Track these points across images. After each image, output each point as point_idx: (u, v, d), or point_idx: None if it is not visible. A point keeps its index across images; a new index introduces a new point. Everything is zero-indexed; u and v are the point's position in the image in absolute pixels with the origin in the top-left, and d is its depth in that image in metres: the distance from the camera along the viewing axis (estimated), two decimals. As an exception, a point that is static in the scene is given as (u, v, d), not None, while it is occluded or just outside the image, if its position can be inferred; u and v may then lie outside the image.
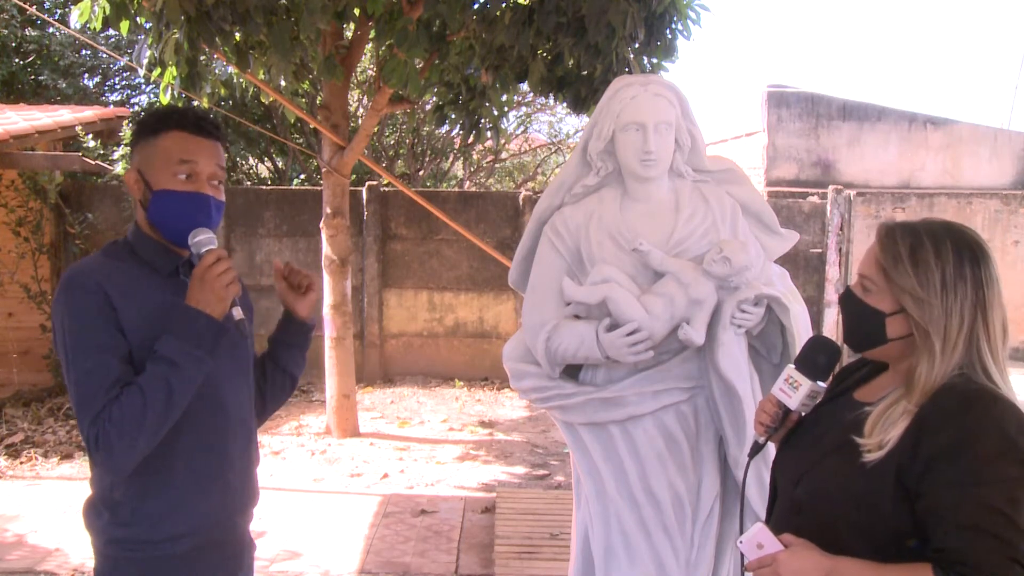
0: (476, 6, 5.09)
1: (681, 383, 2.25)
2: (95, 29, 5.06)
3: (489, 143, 7.03)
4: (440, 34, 5.34)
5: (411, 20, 4.85)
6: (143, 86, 12.97)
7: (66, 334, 1.57)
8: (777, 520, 1.50)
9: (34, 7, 10.89)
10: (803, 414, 1.57)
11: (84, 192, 8.35)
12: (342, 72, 5.73)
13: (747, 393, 2.19)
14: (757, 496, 2.18)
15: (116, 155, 8.09)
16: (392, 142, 13.32)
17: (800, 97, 11.13)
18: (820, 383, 1.55)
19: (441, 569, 4.10)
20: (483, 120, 6.24)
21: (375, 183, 8.84)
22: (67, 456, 5.87)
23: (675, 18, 5.23)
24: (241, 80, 6.50)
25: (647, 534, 2.24)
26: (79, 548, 4.14)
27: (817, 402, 1.56)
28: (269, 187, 10.08)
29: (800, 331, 2.23)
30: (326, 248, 6.28)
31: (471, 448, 6.42)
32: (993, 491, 1.26)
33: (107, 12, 4.66)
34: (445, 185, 13.88)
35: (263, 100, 9.08)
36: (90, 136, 7.95)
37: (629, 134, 2.24)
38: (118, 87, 13.31)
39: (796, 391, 1.54)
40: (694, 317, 2.17)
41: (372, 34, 6.07)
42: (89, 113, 8.56)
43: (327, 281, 6.30)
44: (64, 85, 11.58)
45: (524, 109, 13.68)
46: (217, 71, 6.40)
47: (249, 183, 12.84)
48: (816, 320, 8.83)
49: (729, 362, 2.18)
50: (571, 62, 5.31)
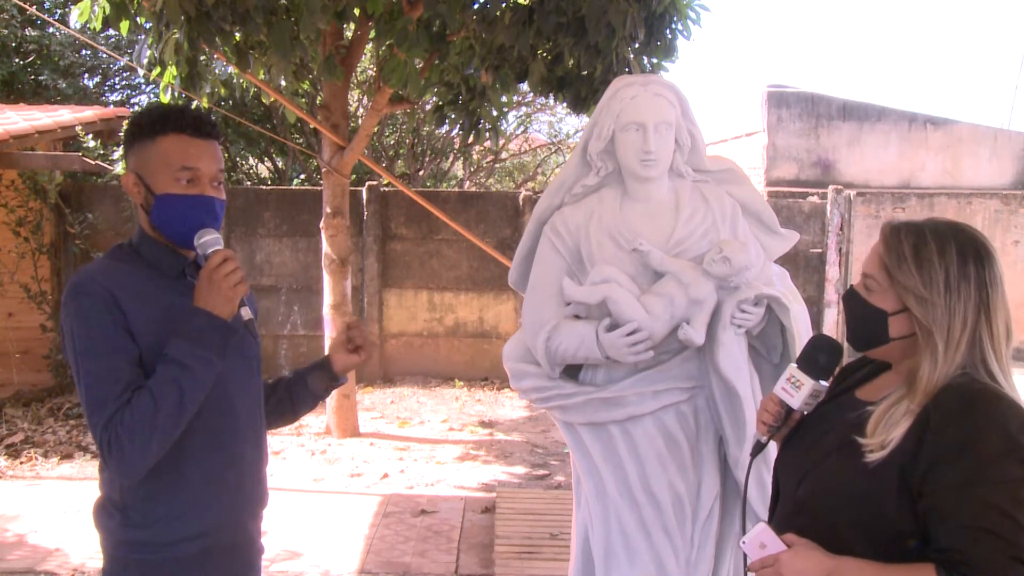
0: (476, 6, 5.08)
1: (681, 383, 2.25)
2: (95, 29, 5.06)
3: (489, 143, 7.03)
4: (440, 34, 5.34)
5: (411, 20, 4.85)
6: (143, 86, 12.97)
7: (75, 339, 1.56)
8: (779, 520, 1.50)
9: (34, 7, 10.89)
10: (805, 413, 1.57)
11: (84, 192, 8.35)
12: (342, 72, 5.73)
13: (747, 393, 2.19)
14: (757, 496, 2.18)
15: (116, 155, 8.09)
16: (392, 142, 13.32)
17: (800, 97, 11.13)
18: (822, 382, 1.55)
19: (441, 569, 4.10)
20: (483, 120, 6.24)
21: (375, 183, 8.84)
22: (67, 456, 5.86)
23: (675, 18, 5.22)
24: (241, 80, 6.50)
25: (647, 534, 2.24)
26: (79, 548, 4.14)
27: (819, 401, 1.56)
28: (269, 187, 10.08)
29: (800, 331, 2.23)
30: (326, 248, 6.28)
31: (471, 448, 6.42)
32: (996, 491, 1.26)
33: (107, 12, 4.66)
34: (445, 185, 13.88)
35: (263, 100, 9.07)
36: (90, 136, 7.95)
37: (629, 134, 2.24)
38: (118, 87, 13.31)
39: (798, 390, 1.54)
40: (694, 317, 2.17)
41: (372, 34, 6.07)
42: (89, 113, 8.56)
43: (327, 281, 6.30)
44: (64, 85, 11.57)
45: (524, 109, 13.68)
46: (217, 71, 6.40)
47: (249, 183, 12.84)
48: (816, 320, 8.83)
49: (729, 362, 2.18)
50: (571, 62, 5.31)
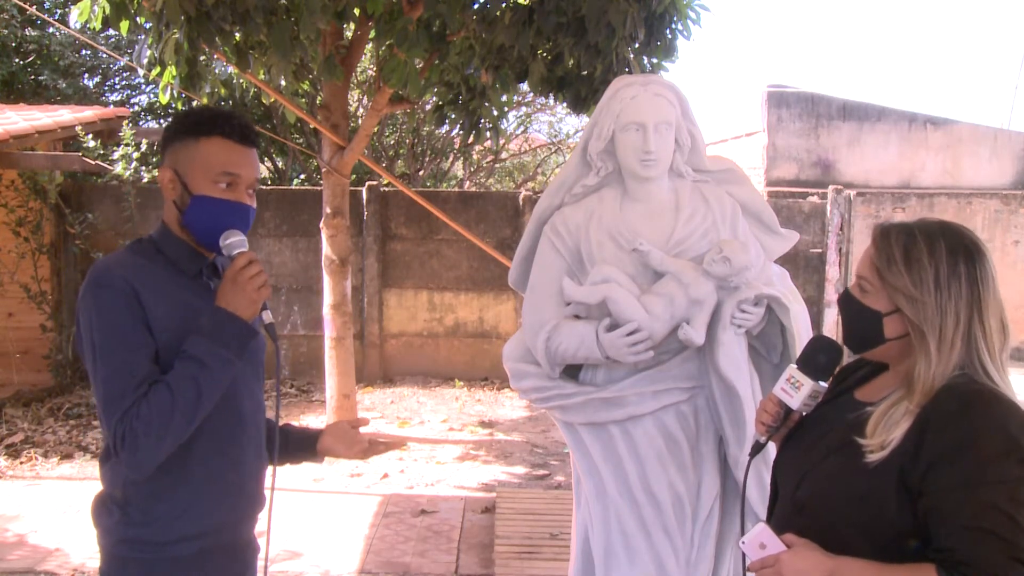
0: (476, 6, 5.09)
1: (681, 383, 2.25)
2: (95, 29, 5.06)
3: (489, 143, 7.03)
4: (440, 34, 5.34)
5: (411, 20, 4.85)
6: (143, 86, 12.99)
7: (94, 331, 1.55)
8: (779, 520, 1.50)
9: (34, 7, 10.89)
10: (804, 414, 1.58)
11: (84, 192, 8.35)
12: (342, 72, 5.73)
13: (747, 393, 2.19)
14: (757, 496, 2.18)
15: (116, 155, 8.09)
16: (392, 142, 13.32)
17: (800, 97, 11.13)
18: (822, 383, 1.55)
19: (441, 569, 4.10)
20: (483, 120, 6.24)
21: (375, 183, 8.84)
22: (67, 456, 5.86)
23: (675, 18, 5.23)
24: (241, 80, 6.50)
25: (647, 534, 2.24)
26: (80, 548, 4.14)
27: (818, 402, 1.56)
28: (269, 187, 10.08)
29: (800, 331, 2.23)
30: (326, 248, 6.28)
31: (471, 448, 6.42)
32: (996, 491, 1.26)
33: (107, 12, 4.66)
34: (445, 185, 13.88)
35: (263, 100, 9.08)
36: (90, 136, 7.94)
37: (629, 134, 2.24)
38: (118, 87, 13.32)
39: (798, 391, 1.54)
40: (694, 317, 2.17)
41: (372, 34, 6.07)
42: (89, 113, 8.56)
43: (327, 281, 6.30)
44: (64, 85, 11.58)
45: (524, 109, 13.69)
46: (217, 71, 6.40)
47: (249, 183, 12.82)
48: (816, 320, 8.83)
49: (729, 362, 2.18)
50: (571, 62, 5.31)
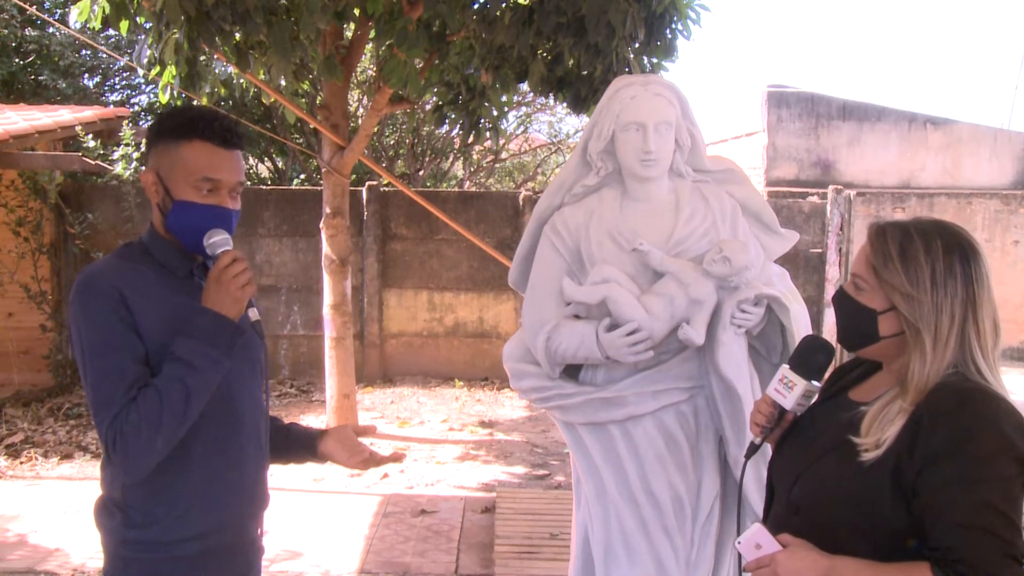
0: (476, 6, 5.09)
1: (681, 383, 2.25)
2: (95, 29, 5.05)
3: (488, 143, 7.03)
4: (440, 34, 5.34)
5: (411, 20, 4.85)
6: (143, 86, 12.98)
7: (82, 337, 1.57)
8: (775, 520, 1.50)
9: (34, 7, 10.89)
10: (798, 414, 1.58)
11: (84, 192, 8.35)
12: (342, 72, 5.73)
13: (747, 393, 2.19)
14: (758, 496, 2.18)
15: (116, 155, 8.09)
16: (392, 142, 13.32)
17: (800, 97, 11.14)
18: (815, 383, 1.55)
19: (441, 569, 4.10)
20: (483, 120, 6.24)
21: (375, 183, 8.84)
22: (67, 456, 5.87)
23: (675, 18, 5.22)
24: (241, 80, 6.50)
25: (647, 534, 2.24)
26: (80, 548, 4.14)
27: (812, 402, 1.57)
28: (269, 187, 10.09)
29: (800, 331, 2.22)
30: (326, 248, 6.28)
31: (471, 448, 6.42)
32: (990, 489, 1.27)
33: (107, 12, 4.66)
34: (445, 185, 13.88)
35: (263, 100, 9.08)
36: (90, 136, 7.94)
37: (629, 134, 2.24)
38: (118, 87, 13.32)
39: (791, 391, 1.54)
40: (694, 317, 2.17)
41: (372, 34, 6.06)
42: (89, 113, 8.55)
43: (327, 281, 6.30)
44: (64, 85, 11.57)
45: (524, 109, 13.69)
46: (217, 71, 6.40)
47: (249, 183, 12.84)
48: (816, 320, 8.83)
49: (729, 362, 2.18)
50: (571, 62, 5.31)
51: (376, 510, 4.89)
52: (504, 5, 4.91)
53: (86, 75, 12.65)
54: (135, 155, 7.96)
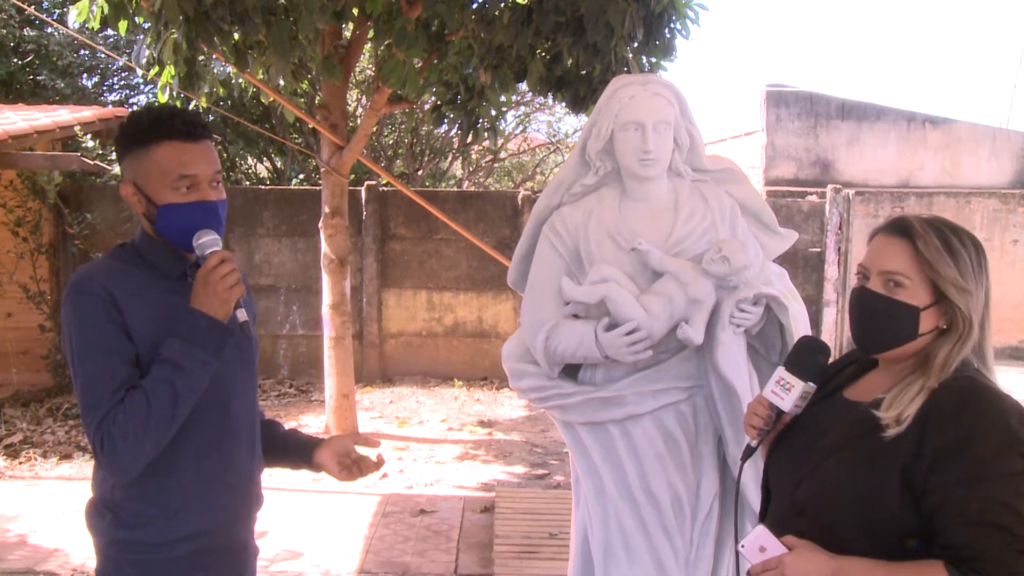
0: (475, 6, 5.08)
1: (680, 383, 2.25)
2: (93, 29, 5.05)
3: (487, 143, 7.03)
4: (439, 34, 5.34)
5: (410, 20, 4.85)
6: (141, 86, 12.96)
7: (72, 338, 1.57)
8: (777, 523, 1.49)
9: (32, 7, 10.88)
10: (794, 416, 1.57)
11: (83, 192, 8.35)
12: (341, 72, 5.73)
13: (746, 392, 2.19)
14: (757, 496, 2.17)
15: (115, 155, 8.07)
16: (391, 142, 13.32)
17: (799, 96, 11.14)
18: (811, 384, 1.54)
19: (440, 569, 4.10)
20: (481, 120, 6.24)
21: (374, 183, 8.84)
22: (66, 456, 5.86)
23: (674, 17, 5.22)
24: (240, 80, 6.50)
25: (646, 534, 2.24)
26: (80, 548, 4.14)
27: (807, 403, 1.56)
28: (268, 187, 10.08)
29: (799, 330, 2.22)
30: (325, 248, 6.28)
31: (470, 448, 6.42)
32: (999, 486, 1.27)
33: (105, 12, 4.66)
34: (444, 185, 13.88)
35: (262, 100, 9.08)
36: (89, 136, 7.94)
37: (628, 133, 2.24)
38: (116, 87, 13.30)
39: (788, 393, 1.53)
40: (693, 316, 2.17)
41: (371, 34, 6.06)
42: (88, 113, 8.54)
43: (326, 281, 6.30)
44: (62, 85, 11.56)
45: (523, 109, 13.68)
46: (216, 71, 6.39)
47: (248, 183, 12.84)
48: (815, 319, 8.83)
49: (728, 361, 2.18)
50: (570, 62, 5.31)
51: (375, 510, 4.89)
52: (503, 5, 4.90)
53: (85, 75, 12.64)
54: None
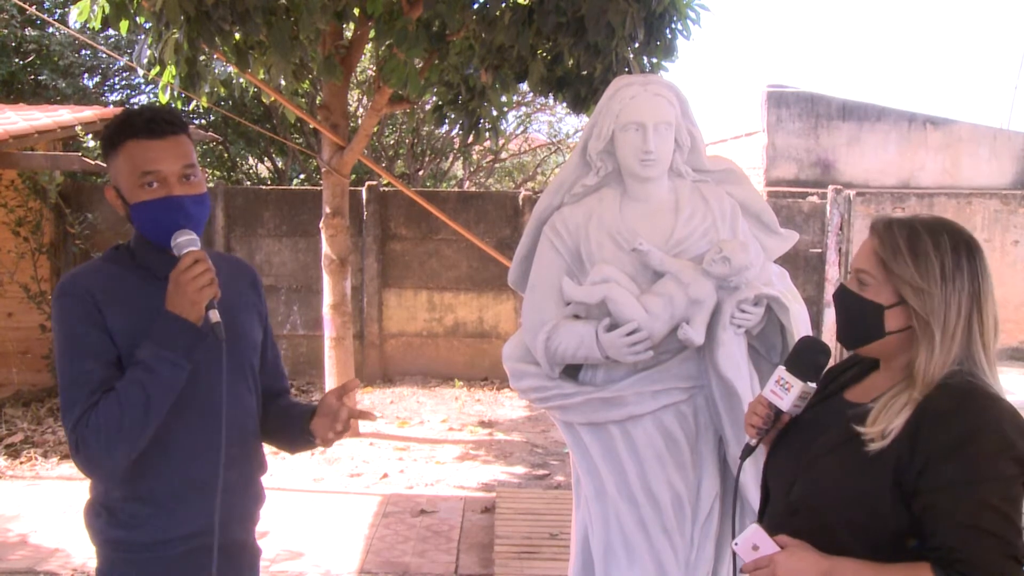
0: (476, 6, 5.09)
1: (681, 383, 2.25)
2: (94, 29, 5.06)
3: (488, 143, 7.03)
4: (440, 34, 5.34)
5: (411, 20, 4.85)
6: (143, 86, 12.97)
7: (56, 340, 1.60)
8: (773, 522, 1.49)
9: (34, 7, 10.88)
10: (794, 416, 1.57)
11: (84, 192, 8.35)
12: (342, 72, 5.73)
13: (747, 393, 2.19)
14: (757, 496, 2.17)
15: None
16: (392, 142, 13.32)
17: (800, 97, 11.14)
18: (811, 384, 1.55)
19: (441, 569, 4.10)
20: (482, 120, 6.24)
21: (375, 183, 8.84)
22: (67, 456, 5.86)
23: (675, 18, 5.23)
24: (241, 80, 6.51)
25: (646, 534, 2.24)
26: (80, 548, 4.14)
27: (807, 403, 1.56)
28: (269, 187, 10.09)
29: (799, 331, 2.22)
30: (326, 248, 6.28)
31: (471, 448, 6.42)
32: (991, 489, 1.27)
33: (106, 12, 4.66)
34: (445, 185, 13.88)
35: (263, 100, 9.08)
36: (90, 136, 7.93)
37: (629, 134, 2.24)
38: (118, 87, 13.31)
39: (787, 392, 1.54)
40: (693, 317, 2.17)
41: (372, 34, 6.06)
42: (89, 113, 8.54)
43: (326, 281, 6.30)
44: (64, 85, 11.56)
45: (524, 109, 13.69)
46: (217, 71, 6.40)
47: (249, 183, 12.84)
48: (816, 320, 8.83)
49: (729, 362, 2.18)
50: (571, 62, 5.31)
51: (376, 510, 4.89)
52: (504, 5, 4.91)
53: (86, 75, 12.64)
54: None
